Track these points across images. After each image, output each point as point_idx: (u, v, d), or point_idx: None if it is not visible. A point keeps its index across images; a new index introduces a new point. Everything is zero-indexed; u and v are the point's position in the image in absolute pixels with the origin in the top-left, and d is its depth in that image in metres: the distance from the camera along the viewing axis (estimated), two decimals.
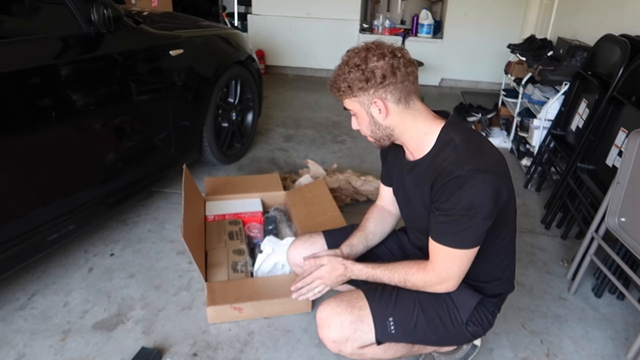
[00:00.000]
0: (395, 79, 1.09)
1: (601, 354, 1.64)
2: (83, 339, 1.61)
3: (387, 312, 1.20)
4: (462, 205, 1.05)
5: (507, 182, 1.12)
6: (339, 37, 5.23)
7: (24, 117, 1.58)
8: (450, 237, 1.10)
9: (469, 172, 1.04)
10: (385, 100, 1.12)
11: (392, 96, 1.12)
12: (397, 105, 1.13)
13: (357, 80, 1.10)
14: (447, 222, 1.09)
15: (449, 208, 1.07)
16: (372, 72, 1.09)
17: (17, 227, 1.61)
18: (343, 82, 1.12)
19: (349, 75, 1.11)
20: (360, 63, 1.10)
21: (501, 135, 3.56)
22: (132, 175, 2.11)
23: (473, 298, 1.24)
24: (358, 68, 1.09)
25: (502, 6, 4.86)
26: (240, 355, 1.57)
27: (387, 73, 1.09)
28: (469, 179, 1.04)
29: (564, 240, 2.31)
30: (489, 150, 1.15)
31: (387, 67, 1.09)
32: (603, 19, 2.91)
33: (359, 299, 1.22)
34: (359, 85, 1.11)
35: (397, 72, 1.09)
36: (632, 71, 2.08)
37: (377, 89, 1.10)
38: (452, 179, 1.05)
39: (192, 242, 1.76)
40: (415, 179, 1.21)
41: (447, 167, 1.08)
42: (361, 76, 1.09)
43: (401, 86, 1.11)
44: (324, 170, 2.70)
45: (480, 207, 1.05)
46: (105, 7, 1.81)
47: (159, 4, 4.87)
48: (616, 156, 2.01)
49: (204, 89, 2.49)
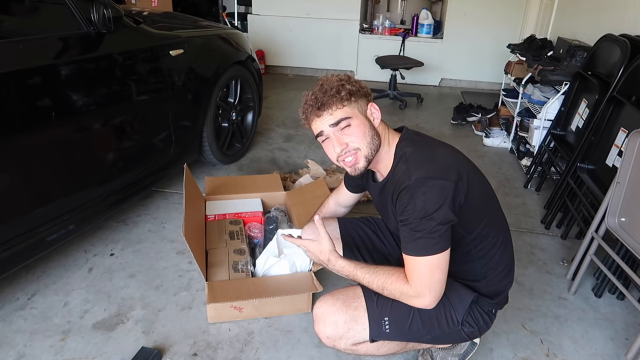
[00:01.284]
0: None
1: (601, 354, 1.64)
2: (83, 339, 1.61)
3: (383, 312, 1.21)
4: (417, 214, 1.08)
5: (464, 183, 1.13)
6: (339, 37, 5.24)
7: (24, 117, 1.57)
8: (413, 246, 1.11)
9: (417, 180, 1.10)
10: (374, 103, 1.23)
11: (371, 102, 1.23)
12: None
13: (353, 87, 1.19)
14: (407, 232, 1.11)
15: (406, 218, 1.11)
16: (358, 83, 1.22)
17: (17, 227, 1.61)
18: (342, 89, 1.17)
19: (344, 84, 1.18)
20: (342, 79, 1.20)
21: (501, 135, 3.56)
22: (132, 175, 2.11)
23: (467, 296, 1.25)
24: (347, 81, 1.19)
25: (502, 6, 4.86)
26: (240, 355, 1.57)
27: (366, 87, 1.24)
28: (418, 187, 1.09)
29: (564, 240, 2.31)
30: (441, 155, 1.19)
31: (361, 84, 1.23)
32: (603, 19, 2.91)
33: (355, 299, 1.24)
34: (355, 91, 1.19)
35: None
36: (632, 71, 2.08)
37: (367, 96, 1.22)
38: (404, 189, 1.12)
39: (192, 242, 1.76)
40: (385, 198, 1.25)
41: (399, 180, 1.15)
42: (353, 85, 1.20)
43: None
44: (324, 170, 2.70)
45: (435, 212, 1.07)
46: (105, 7, 1.81)
47: (159, 4, 4.87)
48: (616, 156, 2.01)
49: (204, 89, 2.49)
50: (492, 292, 1.29)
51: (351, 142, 1.18)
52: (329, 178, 2.55)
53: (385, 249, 1.56)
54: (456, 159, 1.20)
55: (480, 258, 1.24)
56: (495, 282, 1.29)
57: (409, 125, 1.38)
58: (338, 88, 1.16)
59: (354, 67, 5.40)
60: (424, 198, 1.08)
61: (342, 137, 1.18)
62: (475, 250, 1.23)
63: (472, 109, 3.99)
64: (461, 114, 3.98)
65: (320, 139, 1.22)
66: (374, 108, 1.22)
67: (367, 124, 1.19)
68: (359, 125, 1.18)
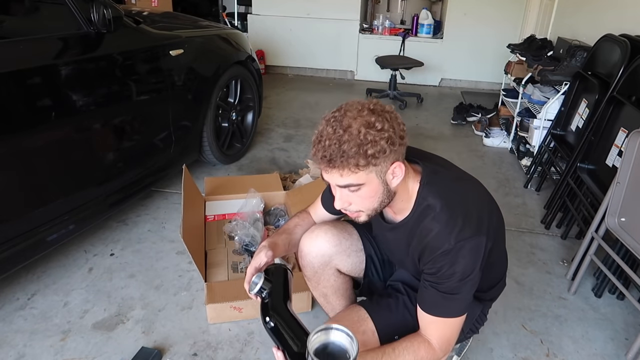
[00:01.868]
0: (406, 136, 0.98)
1: (601, 354, 1.64)
2: (83, 339, 1.61)
3: (393, 330, 1.15)
4: (455, 278, 1.01)
5: (492, 227, 1.06)
6: (339, 37, 5.24)
7: (24, 117, 1.57)
8: (443, 309, 1.04)
9: (457, 245, 0.98)
10: (403, 162, 1.00)
11: (404, 153, 1.01)
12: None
13: (378, 149, 0.92)
14: (439, 294, 1.03)
15: (441, 282, 1.02)
16: (392, 131, 0.94)
17: (17, 227, 1.61)
18: (363, 151, 0.91)
19: (369, 147, 0.91)
20: (374, 123, 0.92)
21: (501, 135, 3.56)
22: (132, 175, 2.11)
23: (475, 308, 1.23)
24: (374, 139, 0.91)
25: (502, 6, 4.86)
26: (240, 355, 1.57)
27: (402, 129, 0.97)
28: (458, 251, 0.99)
29: (564, 240, 2.31)
30: (472, 204, 1.06)
31: (396, 121, 0.96)
32: (603, 19, 2.91)
33: (362, 322, 1.15)
34: (380, 153, 0.92)
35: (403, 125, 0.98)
36: (632, 71, 2.08)
37: (397, 151, 0.96)
38: (441, 254, 1.00)
39: (191, 243, 1.76)
40: (399, 239, 1.14)
41: (432, 242, 1.02)
42: (378, 147, 0.92)
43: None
44: None
45: (472, 274, 1.01)
46: (105, 7, 1.81)
47: (159, 4, 4.87)
48: (616, 156, 2.01)
49: (204, 89, 2.49)
50: (494, 296, 1.30)
51: (355, 203, 1.02)
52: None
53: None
54: (483, 201, 1.10)
55: (488, 275, 1.23)
56: (498, 288, 1.30)
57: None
58: (359, 149, 0.91)
59: (354, 67, 5.40)
60: (464, 262, 0.99)
61: (347, 196, 1.01)
62: (486, 270, 1.19)
63: (472, 109, 3.99)
64: (461, 114, 3.98)
65: (326, 183, 1.05)
66: (400, 169, 0.99)
67: (382, 189, 1.00)
68: (369, 192, 0.99)
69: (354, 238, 1.36)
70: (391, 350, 1.03)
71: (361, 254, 1.35)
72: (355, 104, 0.97)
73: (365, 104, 0.96)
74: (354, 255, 1.34)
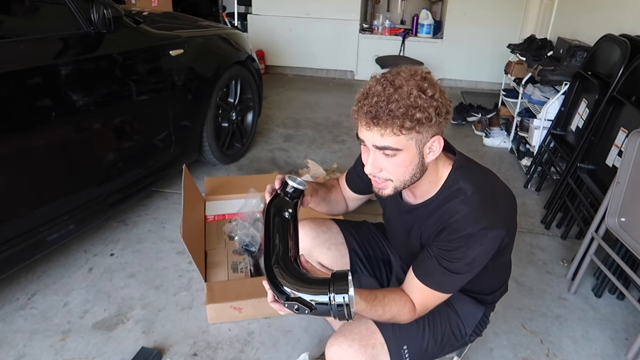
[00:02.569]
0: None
1: (601, 354, 1.64)
2: (83, 339, 1.61)
3: (401, 340, 1.14)
4: (464, 261, 1.00)
5: (512, 225, 1.07)
6: (339, 37, 5.24)
7: (24, 117, 1.57)
8: (436, 281, 1.04)
9: (480, 232, 0.97)
10: (442, 138, 0.98)
11: (443, 131, 0.98)
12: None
13: (426, 114, 0.90)
14: (440, 268, 1.02)
15: (449, 259, 1.01)
16: (441, 101, 0.93)
17: (17, 227, 1.61)
18: (410, 114, 0.89)
19: (416, 110, 0.90)
20: (426, 89, 0.91)
21: (501, 135, 3.56)
22: (132, 175, 2.11)
23: (478, 311, 1.23)
24: (424, 104, 0.90)
25: (502, 6, 4.86)
26: (240, 355, 1.57)
27: (449, 104, 0.96)
28: (479, 238, 0.98)
29: (564, 240, 2.31)
30: (502, 197, 1.06)
31: (445, 95, 0.95)
32: (603, 19, 2.91)
33: (370, 335, 1.11)
34: (426, 121, 0.91)
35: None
36: (632, 71, 2.08)
37: (441, 124, 0.95)
38: (462, 236, 0.98)
39: (191, 243, 1.76)
40: (413, 220, 1.13)
41: (457, 223, 0.99)
42: (426, 112, 0.91)
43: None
44: (324, 170, 2.70)
45: (482, 261, 1.02)
46: (105, 7, 1.81)
47: (159, 4, 4.87)
48: (616, 156, 2.01)
49: (204, 89, 2.49)
50: (497, 299, 1.30)
51: (387, 170, 0.99)
52: (328, 178, 2.56)
53: (380, 254, 1.47)
54: (510, 197, 1.09)
55: (494, 275, 1.23)
56: (501, 291, 1.30)
57: None
58: (407, 110, 0.89)
59: (354, 67, 5.40)
60: (479, 250, 0.99)
61: (380, 161, 0.98)
62: (492, 271, 1.18)
63: (472, 109, 3.99)
64: (461, 114, 3.98)
65: (360, 141, 1.02)
66: (438, 142, 0.97)
67: (417, 160, 0.97)
68: (404, 160, 0.96)
69: (333, 231, 1.37)
70: (382, 297, 1.03)
71: (342, 247, 1.36)
72: (409, 68, 0.95)
73: (419, 70, 0.95)
74: (333, 248, 1.35)
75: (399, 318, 1.05)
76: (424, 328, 1.16)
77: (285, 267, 0.92)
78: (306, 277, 0.90)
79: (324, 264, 1.35)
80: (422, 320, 1.15)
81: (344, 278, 0.86)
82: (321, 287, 0.86)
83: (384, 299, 1.02)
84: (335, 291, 0.84)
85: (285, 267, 0.92)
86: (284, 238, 0.99)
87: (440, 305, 1.18)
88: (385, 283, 1.40)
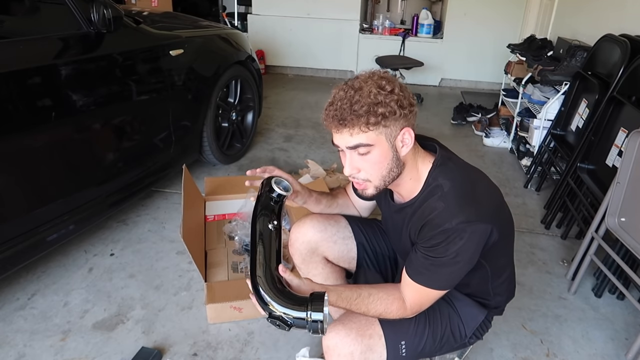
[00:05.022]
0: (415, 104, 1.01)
1: (601, 354, 1.64)
2: (83, 339, 1.61)
3: (400, 336, 1.15)
4: (448, 256, 1.01)
5: (500, 221, 1.07)
6: (339, 37, 5.24)
7: (24, 117, 1.57)
8: (426, 278, 1.05)
9: (458, 225, 0.98)
10: (413, 128, 1.02)
11: (413, 124, 1.02)
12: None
13: (388, 109, 0.95)
14: (427, 265, 1.04)
15: (433, 256, 1.03)
16: (402, 95, 0.98)
17: (17, 227, 1.61)
18: (373, 110, 0.94)
19: (378, 105, 0.95)
20: (384, 85, 0.97)
21: (501, 135, 3.56)
22: (132, 175, 2.11)
23: (480, 314, 1.23)
24: (385, 100, 0.95)
25: (502, 6, 4.86)
26: (240, 355, 1.57)
27: (411, 96, 1.00)
28: (458, 232, 0.98)
29: (564, 240, 2.31)
30: (482, 191, 1.08)
31: (406, 89, 0.99)
32: (603, 19, 2.91)
33: (369, 326, 1.13)
34: (390, 114, 0.96)
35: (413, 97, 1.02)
36: (632, 71, 2.08)
37: (407, 116, 0.99)
38: (441, 232, 1.00)
39: (191, 243, 1.76)
40: (402, 219, 1.15)
41: (435, 219, 1.01)
42: (389, 107, 0.95)
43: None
44: (324, 170, 2.70)
45: (466, 256, 1.02)
46: (105, 7, 1.81)
47: (159, 4, 4.87)
48: (616, 156, 2.01)
49: (204, 89, 2.49)
50: (500, 303, 1.29)
51: (364, 170, 1.03)
52: (329, 178, 2.55)
53: (387, 251, 1.48)
54: (493, 193, 1.11)
55: (495, 278, 1.23)
56: (506, 297, 1.30)
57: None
58: (370, 108, 0.94)
59: (354, 67, 5.40)
60: (460, 244, 0.99)
61: (356, 161, 1.02)
62: (491, 273, 1.20)
63: (472, 109, 3.99)
64: (461, 114, 3.98)
65: (336, 147, 1.06)
66: (409, 134, 1.01)
67: (390, 155, 1.01)
68: (379, 156, 1.00)
69: (341, 225, 1.37)
70: (367, 295, 1.06)
71: (349, 241, 1.37)
72: (367, 71, 1.02)
73: (376, 71, 1.01)
74: (340, 242, 1.35)
75: (387, 315, 1.08)
76: (424, 326, 1.16)
77: (267, 281, 0.97)
78: (286, 293, 0.95)
79: (330, 259, 1.36)
80: (423, 318, 1.15)
81: (321, 299, 0.91)
82: (300, 304, 0.92)
83: (368, 297, 1.06)
84: (312, 309, 0.90)
85: (267, 281, 0.97)
86: (268, 251, 1.05)
87: (442, 305, 1.18)
88: (390, 280, 1.40)
